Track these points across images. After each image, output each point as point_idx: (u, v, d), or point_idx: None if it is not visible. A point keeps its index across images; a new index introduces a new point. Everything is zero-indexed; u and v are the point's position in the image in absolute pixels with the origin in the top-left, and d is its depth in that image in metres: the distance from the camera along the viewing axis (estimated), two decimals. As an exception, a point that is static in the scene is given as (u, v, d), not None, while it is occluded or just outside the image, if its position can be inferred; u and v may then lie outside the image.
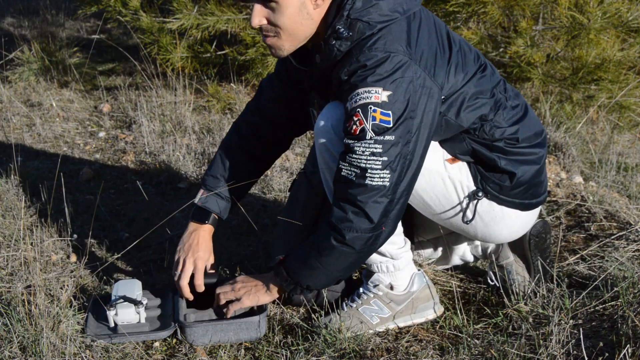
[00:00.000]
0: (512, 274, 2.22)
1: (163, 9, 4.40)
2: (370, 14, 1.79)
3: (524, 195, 2.03)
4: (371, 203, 1.79)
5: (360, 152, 1.78)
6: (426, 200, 2.01)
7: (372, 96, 1.76)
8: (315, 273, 1.92)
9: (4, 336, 1.96)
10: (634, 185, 3.08)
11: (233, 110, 4.15)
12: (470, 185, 1.99)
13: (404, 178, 1.81)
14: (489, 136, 1.95)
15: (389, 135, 1.76)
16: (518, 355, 1.87)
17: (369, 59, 1.77)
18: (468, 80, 1.90)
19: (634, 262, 2.29)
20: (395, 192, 1.80)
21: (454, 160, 1.98)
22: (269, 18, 1.83)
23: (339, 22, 1.80)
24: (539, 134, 2.04)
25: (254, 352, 2.01)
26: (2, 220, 2.73)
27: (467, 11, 3.77)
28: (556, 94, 3.95)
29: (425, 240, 2.39)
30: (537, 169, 2.02)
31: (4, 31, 6.13)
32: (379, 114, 1.76)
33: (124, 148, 3.74)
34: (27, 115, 4.21)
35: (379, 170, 1.77)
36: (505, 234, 2.09)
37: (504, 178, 1.98)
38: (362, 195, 1.79)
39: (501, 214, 2.03)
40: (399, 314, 2.11)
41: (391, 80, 1.76)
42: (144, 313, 2.06)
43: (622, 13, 3.67)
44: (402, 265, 2.09)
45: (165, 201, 3.07)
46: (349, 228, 1.81)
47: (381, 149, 1.76)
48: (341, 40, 1.81)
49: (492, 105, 1.94)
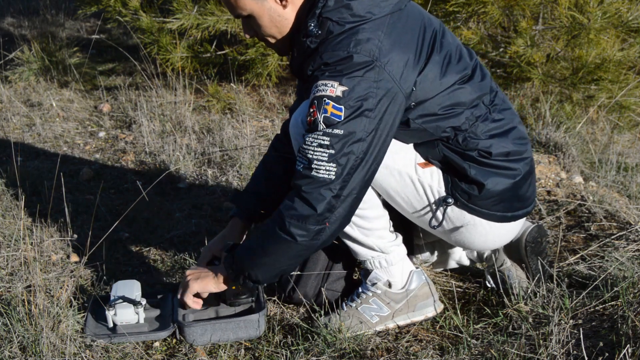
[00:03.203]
0: (511, 277, 2.22)
1: (163, 9, 4.40)
2: (341, 14, 1.80)
3: (496, 207, 1.98)
4: (315, 194, 1.78)
5: (309, 142, 1.79)
6: (398, 201, 2.01)
7: (328, 89, 1.77)
8: (258, 262, 1.91)
9: (4, 336, 1.96)
10: (634, 185, 3.08)
11: (233, 110, 4.15)
12: (440, 191, 1.97)
13: (352, 175, 1.79)
14: (462, 145, 1.92)
15: (337, 129, 1.76)
16: (518, 355, 1.87)
17: (331, 57, 1.78)
18: (443, 90, 1.87)
19: (634, 262, 2.29)
20: (342, 188, 1.79)
21: (427, 165, 1.97)
22: (254, 29, 1.94)
23: (311, 20, 1.83)
24: (520, 153, 1.98)
25: (254, 352, 2.01)
26: (2, 220, 2.73)
27: (467, 11, 3.77)
28: (556, 94, 3.96)
29: (422, 244, 2.39)
30: (512, 183, 1.96)
31: (4, 31, 6.13)
32: (331, 107, 1.76)
33: (124, 148, 3.74)
34: (27, 115, 4.21)
35: (324, 163, 1.77)
36: (479, 243, 2.06)
37: (473, 187, 1.94)
38: (307, 186, 1.79)
39: (472, 222, 1.99)
40: (398, 312, 2.11)
41: (349, 77, 1.76)
42: (143, 313, 2.06)
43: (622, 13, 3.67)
44: (395, 259, 2.09)
45: (165, 201, 3.07)
46: (292, 216, 1.81)
47: (328, 142, 1.77)
48: (311, 37, 1.83)
49: (468, 116, 1.91)
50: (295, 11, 1.89)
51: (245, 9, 1.88)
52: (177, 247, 2.63)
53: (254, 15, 1.89)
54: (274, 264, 1.90)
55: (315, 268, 2.19)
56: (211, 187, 3.19)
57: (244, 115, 4.00)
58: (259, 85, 4.42)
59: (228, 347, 2.02)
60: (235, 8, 1.89)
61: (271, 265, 1.91)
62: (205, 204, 3.01)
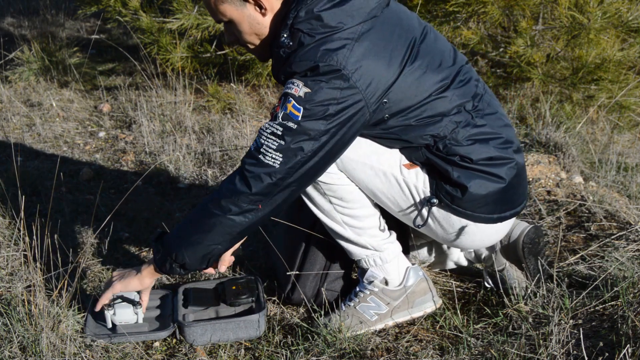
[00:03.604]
0: (510, 277, 2.22)
1: (163, 9, 4.40)
2: (312, 25, 1.79)
3: (482, 209, 1.96)
4: (255, 175, 1.81)
5: (265, 128, 1.82)
6: (385, 201, 2.01)
7: (293, 88, 1.79)
8: (186, 241, 1.90)
9: (4, 336, 1.96)
10: (634, 185, 3.08)
11: (233, 110, 4.15)
12: (426, 191, 1.97)
13: (294, 172, 1.81)
14: (443, 151, 1.91)
15: (291, 123, 1.78)
16: (518, 355, 1.87)
17: (298, 67, 1.79)
18: (420, 102, 1.85)
19: (634, 262, 2.29)
20: (282, 179, 1.81)
21: (412, 166, 1.97)
22: (235, 34, 1.96)
23: (283, 30, 1.84)
24: (502, 158, 1.95)
25: (254, 352, 2.01)
26: (2, 220, 2.73)
27: (467, 11, 3.77)
28: (556, 94, 3.96)
29: (420, 244, 2.39)
30: (497, 188, 1.94)
31: (4, 31, 6.13)
32: (291, 106, 1.78)
33: (124, 148, 3.74)
34: (27, 115, 4.21)
35: (272, 151, 1.79)
36: (467, 243, 2.05)
37: (456, 190, 1.93)
38: (250, 166, 1.82)
39: (459, 223, 1.99)
40: (396, 310, 2.11)
41: (314, 80, 1.76)
42: (142, 313, 2.06)
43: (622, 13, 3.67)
44: (389, 257, 2.10)
45: (165, 201, 3.07)
46: (227, 190, 1.84)
47: (280, 132, 1.78)
48: (283, 48, 1.85)
49: (448, 124, 1.89)
50: (273, 20, 1.90)
51: (225, 15, 1.90)
52: (177, 247, 2.63)
53: (234, 21, 1.90)
54: (202, 242, 1.90)
55: (314, 268, 2.20)
56: (211, 187, 3.19)
57: (244, 115, 4.00)
58: (259, 85, 4.42)
59: (228, 347, 2.02)
60: (217, 13, 1.91)
61: (199, 243, 1.90)
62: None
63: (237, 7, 1.87)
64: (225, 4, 1.87)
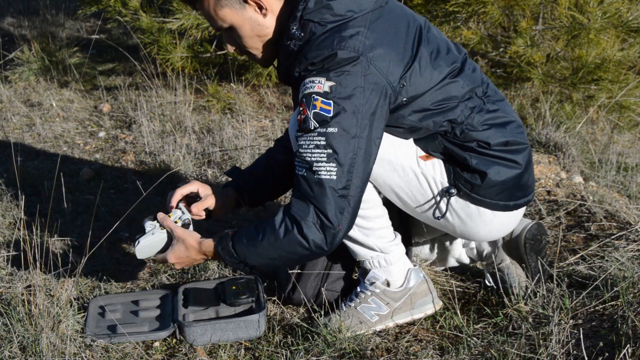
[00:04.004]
0: (510, 276, 2.22)
1: (163, 9, 4.40)
2: (322, 14, 1.81)
3: (499, 196, 1.99)
4: (324, 199, 1.78)
5: (305, 145, 1.80)
6: (402, 197, 2.01)
7: (316, 86, 1.78)
8: (266, 260, 1.90)
9: (4, 336, 1.96)
10: (634, 185, 3.08)
11: (233, 110, 4.15)
12: (443, 182, 1.98)
13: (353, 172, 1.80)
14: (460, 138, 1.93)
15: (331, 128, 1.77)
16: (518, 355, 1.87)
17: (317, 56, 1.78)
18: (434, 86, 1.87)
19: (634, 262, 2.29)
20: (346, 187, 1.79)
21: (428, 157, 1.98)
22: (236, 42, 1.95)
23: (292, 23, 1.84)
24: (517, 143, 1.99)
25: (254, 352, 2.01)
26: (2, 220, 2.73)
27: (467, 11, 3.76)
28: (556, 94, 3.95)
29: (422, 242, 2.39)
30: (514, 173, 1.97)
31: (4, 31, 6.13)
32: (319, 102, 1.77)
33: (124, 148, 3.74)
34: (27, 115, 4.21)
35: (324, 163, 1.77)
36: (483, 233, 2.07)
37: (475, 177, 1.96)
38: (313, 191, 1.79)
39: (477, 212, 2.00)
40: (397, 311, 2.11)
41: (336, 72, 1.77)
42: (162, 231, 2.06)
43: (622, 13, 3.67)
44: (394, 259, 2.10)
45: (165, 201, 3.06)
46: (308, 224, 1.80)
47: (324, 141, 1.77)
48: (294, 40, 1.84)
49: (463, 109, 1.92)
50: (275, 18, 1.90)
51: (225, 21, 1.89)
52: (177, 247, 2.63)
53: (234, 27, 1.90)
54: (281, 264, 1.96)
55: (315, 268, 2.19)
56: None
57: (244, 115, 3.99)
58: (259, 85, 4.42)
59: (228, 347, 2.02)
60: (216, 20, 1.90)
61: (278, 264, 1.94)
62: (205, 204, 3.01)
63: (237, 10, 1.87)
64: (224, 8, 1.86)
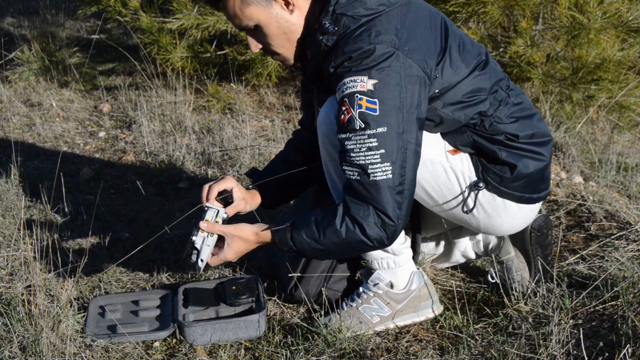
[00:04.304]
0: (512, 271, 2.22)
1: (163, 9, 4.40)
2: (355, 8, 1.82)
3: (525, 188, 2.03)
4: (383, 199, 1.79)
5: (357, 149, 1.79)
6: (429, 192, 2.02)
7: (358, 85, 1.77)
8: (324, 254, 1.95)
9: (4, 336, 1.96)
10: (634, 185, 3.08)
11: (233, 110, 4.15)
12: (471, 176, 2.00)
13: (406, 167, 1.81)
14: (489, 131, 1.96)
15: (381, 127, 1.77)
16: (518, 355, 1.87)
17: (354, 50, 1.78)
18: (465, 77, 1.90)
19: (634, 262, 2.29)
20: (401, 183, 1.81)
21: (456, 152, 2.00)
22: (260, 41, 1.93)
23: (324, 18, 1.84)
24: (543, 135, 2.04)
25: (254, 352, 2.01)
26: (2, 220, 2.73)
27: (467, 11, 3.76)
28: (556, 94, 3.95)
29: (428, 237, 2.39)
30: (540, 166, 2.02)
31: (4, 31, 6.13)
32: (365, 102, 1.77)
33: (124, 148, 3.74)
34: (27, 115, 4.21)
35: (379, 164, 1.78)
36: (507, 226, 2.10)
37: (505, 170, 1.98)
38: (371, 193, 1.79)
39: (503, 205, 2.03)
40: (399, 313, 2.11)
41: (377, 69, 1.77)
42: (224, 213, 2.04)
43: (622, 13, 3.67)
44: (403, 261, 2.10)
45: (165, 201, 3.07)
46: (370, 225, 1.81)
47: (376, 142, 1.77)
48: (327, 35, 1.84)
49: (492, 101, 1.95)
50: (303, 16, 1.89)
51: (252, 19, 1.87)
52: (177, 247, 2.63)
53: (260, 25, 1.88)
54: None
55: (319, 267, 2.19)
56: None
57: (244, 115, 3.99)
58: (259, 85, 4.42)
59: (228, 347, 2.02)
60: (242, 19, 1.87)
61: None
62: (205, 204, 3.01)
63: (264, 7, 1.85)
64: (251, 6, 1.85)
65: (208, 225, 1.98)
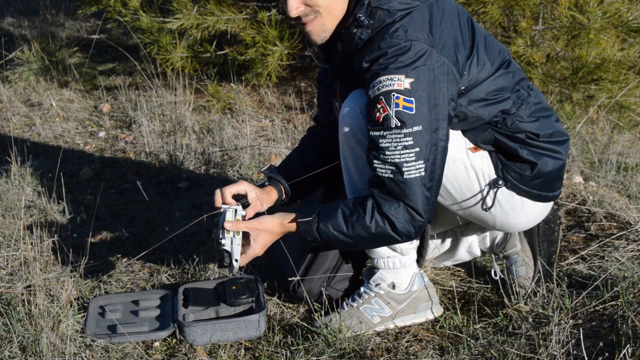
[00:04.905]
0: (518, 264, 2.22)
1: (163, 9, 4.40)
2: (390, 2, 1.83)
3: (543, 186, 2.05)
4: (414, 196, 1.82)
5: (392, 147, 1.79)
6: (448, 189, 2.03)
7: (395, 83, 1.78)
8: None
9: (4, 336, 1.96)
10: (634, 185, 3.08)
11: (233, 110, 4.15)
12: (491, 174, 2.01)
13: (436, 164, 1.84)
14: (511, 129, 1.98)
15: (417, 126, 1.78)
16: (518, 355, 1.87)
17: (390, 47, 1.78)
18: (490, 75, 1.91)
19: (634, 262, 2.29)
20: (431, 179, 1.84)
21: (476, 149, 2.01)
22: (305, 2, 1.86)
23: (359, 11, 1.84)
24: (561, 134, 2.06)
25: (254, 352, 2.01)
26: (2, 220, 2.73)
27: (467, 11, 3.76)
28: (556, 94, 3.95)
29: (434, 234, 2.38)
30: (558, 165, 2.04)
31: (4, 31, 6.12)
32: (402, 100, 1.77)
33: (124, 148, 3.74)
34: (27, 115, 4.21)
35: (413, 162, 1.79)
36: (522, 223, 2.12)
37: (525, 167, 2.01)
38: (403, 190, 1.81)
39: (520, 203, 2.05)
40: (399, 313, 2.11)
41: (413, 67, 1.78)
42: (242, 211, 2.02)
43: (622, 13, 3.67)
44: (408, 262, 2.10)
45: (165, 201, 3.07)
46: (400, 222, 1.84)
47: (412, 141, 1.78)
48: (362, 28, 1.84)
49: (514, 100, 1.97)
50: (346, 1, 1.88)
51: None
52: (177, 247, 2.63)
53: None
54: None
55: (324, 265, 2.19)
56: (211, 187, 3.19)
57: (244, 115, 3.99)
58: (259, 85, 4.42)
59: (228, 347, 2.02)
60: None
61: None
62: (205, 204, 3.01)
63: None
64: None
65: (233, 224, 1.97)
